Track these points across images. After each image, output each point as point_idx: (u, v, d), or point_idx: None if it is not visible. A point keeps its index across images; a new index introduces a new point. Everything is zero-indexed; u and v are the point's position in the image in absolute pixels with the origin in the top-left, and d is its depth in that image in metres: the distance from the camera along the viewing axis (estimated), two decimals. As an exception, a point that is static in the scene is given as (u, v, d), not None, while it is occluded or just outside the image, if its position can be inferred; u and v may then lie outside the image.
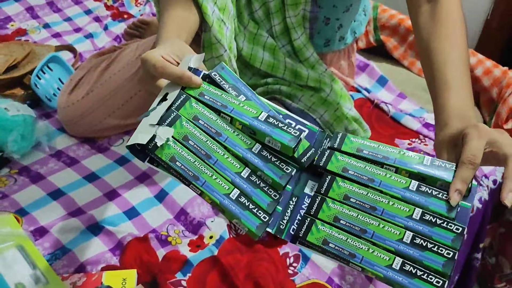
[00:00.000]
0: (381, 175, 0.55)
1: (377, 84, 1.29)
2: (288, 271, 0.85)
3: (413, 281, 0.48)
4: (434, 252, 0.49)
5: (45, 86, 1.15)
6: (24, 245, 0.76)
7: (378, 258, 0.50)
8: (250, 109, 0.57)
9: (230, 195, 0.53)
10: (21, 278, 0.71)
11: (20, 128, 0.99)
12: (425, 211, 0.52)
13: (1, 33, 1.37)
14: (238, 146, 0.55)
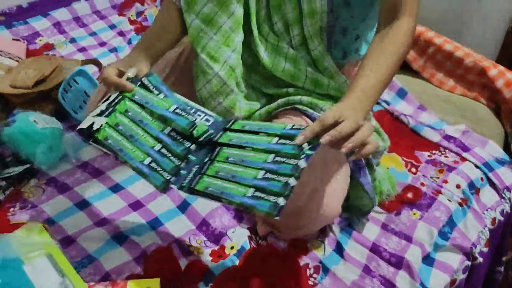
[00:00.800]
0: (254, 138, 0.76)
1: (396, 96, 1.29)
2: (309, 282, 0.86)
3: (259, 202, 0.66)
4: (277, 181, 0.67)
5: (72, 99, 1.18)
6: (52, 254, 0.78)
7: (237, 191, 0.69)
8: (165, 104, 0.81)
9: (143, 162, 0.75)
10: (50, 285, 0.73)
11: (48, 140, 1.03)
12: (277, 155, 0.71)
13: (30, 48, 1.42)
14: (154, 129, 0.79)
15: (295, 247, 0.92)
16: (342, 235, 0.95)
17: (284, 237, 0.93)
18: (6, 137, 1.03)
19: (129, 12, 1.65)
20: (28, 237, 0.81)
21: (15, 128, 1.03)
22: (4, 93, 1.15)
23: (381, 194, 1.02)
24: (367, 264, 0.90)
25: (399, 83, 1.30)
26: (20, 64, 1.26)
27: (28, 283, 0.74)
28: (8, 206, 0.97)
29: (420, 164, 1.11)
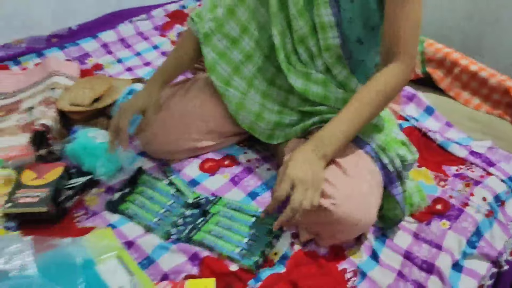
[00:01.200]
0: (237, 214, 1.04)
1: (424, 114, 1.38)
2: (347, 285, 0.94)
3: (243, 258, 0.93)
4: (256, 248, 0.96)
5: (124, 116, 1.29)
6: (121, 255, 0.88)
7: (226, 247, 0.95)
8: (168, 188, 1.12)
9: (152, 221, 1.03)
10: (121, 284, 0.83)
11: (106, 154, 1.13)
12: (256, 230, 0.99)
13: (82, 68, 1.55)
14: (160, 202, 1.08)
15: (334, 253, 1.00)
16: (376, 243, 1.03)
17: (323, 244, 1.01)
18: (69, 152, 1.14)
19: (169, 33, 1.77)
20: (99, 241, 0.91)
21: (77, 144, 1.14)
22: (65, 111, 1.27)
23: (412, 206, 1.10)
24: (400, 269, 0.98)
25: (427, 101, 1.39)
26: (76, 83, 1.38)
27: (102, 282, 0.84)
28: (73, 213, 1.07)
29: (448, 178, 1.19)
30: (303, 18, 1.03)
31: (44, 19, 1.70)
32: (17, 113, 1.32)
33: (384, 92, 0.95)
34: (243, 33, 1.11)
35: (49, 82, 1.37)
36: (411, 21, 0.94)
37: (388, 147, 1.03)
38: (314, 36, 1.04)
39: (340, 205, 0.92)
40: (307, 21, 1.03)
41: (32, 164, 1.13)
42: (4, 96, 1.39)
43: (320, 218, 0.95)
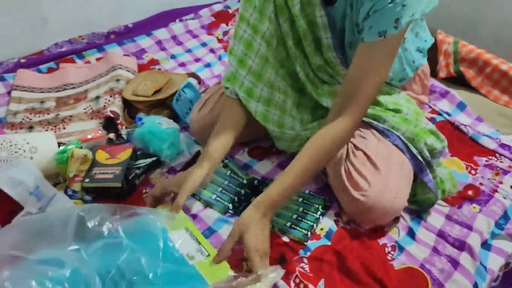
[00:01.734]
0: None
1: (456, 109, 1.48)
2: (387, 257, 1.06)
3: (294, 231, 1.05)
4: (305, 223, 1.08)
5: (181, 106, 1.43)
6: (189, 227, 1.02)
7: (279, 221, 1.08)
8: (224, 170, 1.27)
9: (211, 197, 1.17)
10: (190, 251, 0.95)
11: (171, 138, 1.27)
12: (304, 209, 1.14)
13: (139, 62, 1.69)
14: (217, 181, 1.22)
15: (374, 231, 1.12)
16: (413, 223, 1.14)
17: (364, 226, 1.12)
18: (137, 136, 1.29)
19: (216, 31, 1.91)
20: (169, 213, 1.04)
21: (145, 129, 1.28)
22: (130, 100, 1.42)
23: (444, 192, 1.20)
24: (435, 246, 1.09)
25: (459, 97, 1.49)
26: (137, 76, 1.53)
27: (174, 248, 0.95)
28: (141, 190, 1.22)
29: (479, 168, 1.29)
30: (317, 56, 1.13)
31: (103, 17, 1.85)
32: (85, 102, 1.48)
33: (330, 150, 1.01)
34: (277, 75, 1.15)
35: (113, 74, 1.52)
36: (374, 69, 0.97)
37: (418, 138, 1.12)
38: (329, 66, 1.15)
39: (370, 196, 1.04)
40: (321, 58, 1.13)
41: (103, 146, 1.27)
42: (72, 86, 1.54)
43: (354, 208, 1.07)
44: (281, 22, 1.09)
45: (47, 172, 1.16)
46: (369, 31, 0.95)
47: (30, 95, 1.49)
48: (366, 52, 0.97)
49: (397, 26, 0.93)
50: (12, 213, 1.08)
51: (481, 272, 1.04)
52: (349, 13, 1.04)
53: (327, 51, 1.11)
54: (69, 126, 1.39)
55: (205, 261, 0.93)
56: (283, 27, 1.09)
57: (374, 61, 0.97)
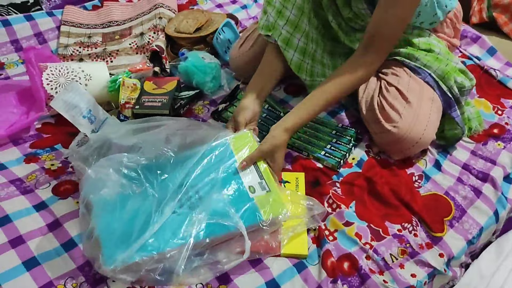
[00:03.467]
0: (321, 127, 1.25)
1: (486, 54, 1.52)
2: (414, 184, 1.14)
3: (328, 158, 1.15)
4: (338, 152, 1.16)
5: (221, 44, 1.50)
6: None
7: (314, 150, 1.16)
8: None
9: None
10: (253, 183, 1.01)
11: (213, 72, 1.35)
12: (337, 140, 1.22)
13: (178, 3, 1.75)
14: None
15: (403, 161, 1.20)
16: (439, 156, 1.22)
17: (394, 157, 1.20)
18: (182, 69, 1.37)
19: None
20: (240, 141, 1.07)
21: (189, 63, 1.35)
22: (173, 37, 1.49)
23: (470, 129, 1.27)
24: (459, 176, 1.17)
25: (490, 42, 1.53)
26: (179, 14, 1.60)
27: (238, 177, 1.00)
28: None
29: (505, 109, 1.35)
30: (346, 8, 1.18)
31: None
32: (130, 38, 1.56)
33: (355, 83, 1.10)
34: (310, 25, 1.20)
35: (156, 12, 1.59)
36: (397, 16, 1.04)
37: (448, 76, 1.19)
38: (359, 18, 1.20)
39: (401, 128, 1.11)
40: (350, 10, 1.18)
41: (150, 77, 1.36)
42: (117, 23, 1.62)
43: (386, 139, 1.15)
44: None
45: (99, 99, 1.25)
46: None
47: (78, 30, 1.57)
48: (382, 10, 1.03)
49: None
50: (70, 135, 1.19)
51: (502, 201, 1.12)
52: None
53: (356, 3, 1.15)
54: (116, 59, 1.48)
55: (265, 195, 0.98)
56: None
57: (398, 11, 1.03)
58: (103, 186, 0.91)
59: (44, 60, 1.28)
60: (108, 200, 0.90)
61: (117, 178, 0.93)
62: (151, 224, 0.87)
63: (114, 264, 0.82)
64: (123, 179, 0.93)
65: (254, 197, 0.97)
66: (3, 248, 0.91)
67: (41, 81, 1.21)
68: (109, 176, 0.92)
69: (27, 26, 1.51)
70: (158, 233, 0.87)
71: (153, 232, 0.86)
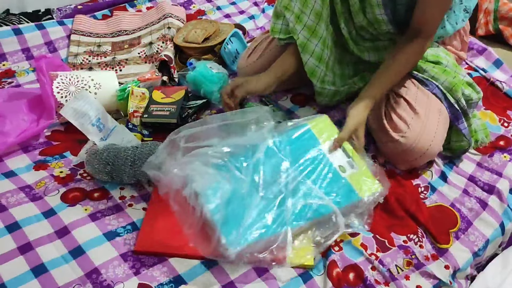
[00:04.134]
0: None
1: (493, 66, 1.53)
2: (420, 196, 1.15)
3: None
4: None
5: (228, 54, 1.52)
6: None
7: None
8: None
9: None
10: (342, 163, 1.05)
11: (221, 82, 1.36)
12: None
13: (187, 13, 1.77)
14: None
15: (409, 172, 1.20)
16: (445, 167, 1.22)
17: (400, 168, 1.20)
18: (190, 79, 1.38)
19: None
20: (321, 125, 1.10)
21: (197, 72, 1.36)
22: (182, 46, 1.51)
23: (477, 141, 1.28)
24: (465, 188, 1.17)
25: (496, 55, 1.53)
26: (187, 24, 1.61)
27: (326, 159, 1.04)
28: (193, 128, 1.32)
29: (511, 121, 1.36)
30: (359, 15, 1.18)
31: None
32: (139, 47, 1.57)
33: (411, 63, 1.17)
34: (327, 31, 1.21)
35: (165, 22, 1.60)
36: (440, 7, 1.11)
37: (456, 88, 1.20)
38: (370, 25, 1.20)
39: (409, 138, 1.12)
40: (363, 18, 1.18)
41: (158, 86, 1.37)
42: (126, 32, 1.64)
43: (392, 149, 1.16)
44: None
45: (108, 108, 1.27)
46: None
47: (88, 39, 1.59)
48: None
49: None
50: (79, 143, 1.21)
51: (508, 214, 1.12)
52: None
53: (374, 8, 1.15)
54: (125, 68, 1.50)
55: (355, 174, 1.03)
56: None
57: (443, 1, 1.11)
58: (200, 177, 0.96)
59: (55, 68, 1.30)
60: (212, 188, 0.95)
61: (210, 169, 0.97)
62: (257, 209, 0.94)
63: (240, 246, 0.89)
64: (214, 169, 0.97)
65: (346, 177, 1.02)
66: (12, 254, 0.92)
67: (52, 89, 1.23)
68: (201, 168, 0.97)
69: (38, 35, 1.53)
70: (262, 217, 0.93)
71: (261, 217, 0.93)
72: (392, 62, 1.15)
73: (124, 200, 1.07)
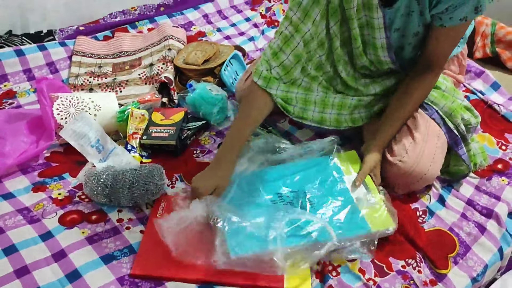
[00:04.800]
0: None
1: (490, 88, 1.54)
2: (419, 220, 1.15)
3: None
4: None
5: (228, 75, 1.53)
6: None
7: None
8: None
9: None
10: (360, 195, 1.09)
11: (220, 104, 1.38)
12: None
13: (188, 34, 1.79)
14: None
15: (408, 196, 1.20)
16: (443, 191, 1.22)
17: (399, 192, 1.19)
18: (190, 101, 1.39)
19: (259, 7, 1.99)
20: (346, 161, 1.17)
21: (197, 94, 1.38)
22: (182, 68, 1.52)
23: (475, 165, 1.28)
24: (464, 212, 1.17)
25: (494, 77, 1.55)
26: (188, 46, 1.63)
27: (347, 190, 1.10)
28: (192, 149, 1.33)
29: (509, 144, 1.36)
30: (363, 57, 1.19)
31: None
32: (140, 68, 1.59)
33: (420, 99, 1.18)
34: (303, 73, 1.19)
35: (165, 44, 1.62)
36: (452, 42, 1.13)
37: (455, 113, 1.20)
38: (372, 65, 1.21)
39: (407, 162, 1.12)
40: (366, 59, 1.19)
41: (158, 108, 1.38)
42: (127, 54, 1.66)
43: (391, 173, 1.16)
44: (331, 24, 1.13)
45: (108, 129, 1.28)
46: (449, 20, 1.05)
47: (89, 60, 1.61)
48: (446, 32, 1.09)
49: (477, 12, 1.03)
50: (78, 164, 1.21)
51: (507, 239, 1.12)
52: (415, 9, 1.08)
53: (378, 51, 1.16)
54: (125, 89, 1.51)
55: (372, 208, 1.06)
56: (332, 28, 1.14)
57: (454, 37, 1.12)
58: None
59: (56, 90, 1.31)
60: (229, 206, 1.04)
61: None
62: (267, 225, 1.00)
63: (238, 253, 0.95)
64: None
65: (362, 209, 1.06)
66: (9, 278, 0.92)
67: (52, 111, 1.24)
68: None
69: (39, 55, 1.55)
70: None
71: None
72: (408, 99, 1.16)
73: (122, 223, 1.07)
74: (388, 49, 1.15)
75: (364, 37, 1.16)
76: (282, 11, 1.97)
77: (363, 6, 1.10)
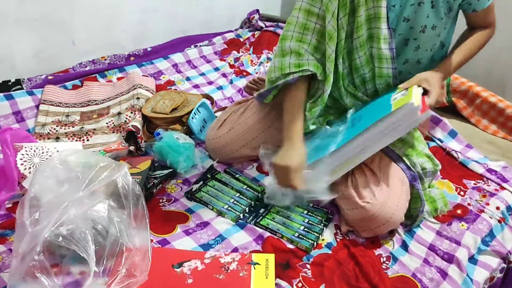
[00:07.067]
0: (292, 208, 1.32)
1: (448, 136, 1.61)
2: (382, 266, 1.16)
3: (302, 240, 1.18)
4: (311, 234, 1.22)
5: (196, 124, 1.56)
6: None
7: (287, 231, 1.21)
8: (240, 183, 1.39)
9: (223, 207, 1.28)
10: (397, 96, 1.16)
11: (187, 152, 1.39)
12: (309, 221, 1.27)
13: (157, 83, 1.82)
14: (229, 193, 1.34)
15: (371, 242, 1.22)
16: (406, 236, 1.25)
17: (363, 236, 1.23)
18: (157, 149, 1.40)
19: (228, 57, 2.05)
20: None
21: (164, 143, 1.39)
22: (150, 117, 1.54)
23: (436, 210, 1.32)
24: (426, 257, 1.19)
25: (451, 125, 1.62)
26: (156, 95, 1.66)
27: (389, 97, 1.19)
28: (158, 198, 1.32)
29: (467, 190, 1.41)
30: (363, 49, 1.25)
31: (124, 41, 2.00)
32: (107, 117, 1.60)
33: (481, 45, 1.33)
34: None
35: (134, 93, 1.65)
36: (491, 14, 1.32)
37: (411, 154, 1.28)
38: (369, 66, 1.28)
39: (374, 205, 1.16)
40: (364, 54, 1.26)
41: (124, 157, 1.39)
42: (95, 102, 1.67)
43: (357, 216, 1.19)
44: (340, 15, 1.20)
45: (73, 179, 1.27)
46: (478, 3, 1.25)
47: (57, 109, 1.61)
48: (483, 12, 1.28)
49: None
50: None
51: (468, 284, 1.14)
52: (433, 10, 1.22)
53: (380, 43, 1.22)
54: (92, 138, 1.51)
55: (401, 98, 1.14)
56: (341, 20, 1.21)
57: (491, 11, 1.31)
58: None
59: (20, 140, 1.30)
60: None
61: None
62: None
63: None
64: None
65: (392, 102, 1.14)
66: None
67: (15, 161, 1.23)
68: None
69: (6, 105, 1.54)
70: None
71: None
72: (468, 36, 1.32)
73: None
74: (390, 39, 1.21)
75: (371, 31, 1.23)
76: (251, 61, 2.03)
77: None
